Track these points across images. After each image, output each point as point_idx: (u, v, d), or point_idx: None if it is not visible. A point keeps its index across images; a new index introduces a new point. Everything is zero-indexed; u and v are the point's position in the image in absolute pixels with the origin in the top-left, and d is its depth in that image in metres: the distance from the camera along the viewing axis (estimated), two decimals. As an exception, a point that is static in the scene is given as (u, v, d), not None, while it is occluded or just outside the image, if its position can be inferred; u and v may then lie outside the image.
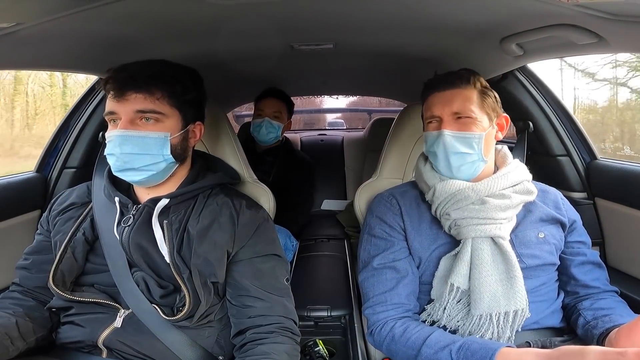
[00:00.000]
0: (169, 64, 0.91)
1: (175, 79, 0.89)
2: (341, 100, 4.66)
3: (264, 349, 0.82)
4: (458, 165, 0.95)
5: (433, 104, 0.98)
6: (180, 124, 0.90)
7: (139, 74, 0.85)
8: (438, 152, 0.96)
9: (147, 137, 0.84)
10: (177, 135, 0.89)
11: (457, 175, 0.96)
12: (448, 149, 0.94)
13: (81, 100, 1.50)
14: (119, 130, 0.83)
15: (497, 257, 0.89)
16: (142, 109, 0.84)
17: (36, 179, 1.41)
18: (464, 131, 0.94)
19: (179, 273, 0.84)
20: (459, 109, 0.94)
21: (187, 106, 0.91)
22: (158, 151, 0.86)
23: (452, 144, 0.94)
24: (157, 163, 0.86)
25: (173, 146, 0.88)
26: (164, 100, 0.86)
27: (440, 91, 0.98)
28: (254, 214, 0.94)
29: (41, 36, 0.86)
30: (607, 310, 0.89)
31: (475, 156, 0.95)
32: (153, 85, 0.85)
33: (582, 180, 1.38)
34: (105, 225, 0.89)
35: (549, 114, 1.40)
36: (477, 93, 0.96)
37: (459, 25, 1.03)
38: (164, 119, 0.86)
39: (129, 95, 0.84)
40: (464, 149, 0.94)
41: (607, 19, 0.78)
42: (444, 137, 0.94)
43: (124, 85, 0.84)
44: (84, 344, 0.85)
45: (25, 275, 0.92)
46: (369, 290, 0.97)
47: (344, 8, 0.95)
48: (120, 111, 0.84)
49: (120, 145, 0.83)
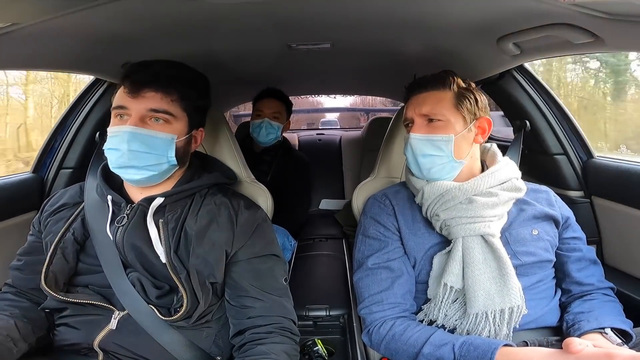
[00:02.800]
0: (188, 68, 0.92)
1: (192, 84, 0.90)
2: (338, 99, 4.69)
3: (263, 349, 0.82)
4: (428, 167, 0.97)
5: (407, 107, 1.01)
6: (186, 128, 0.90)
7: (159, 74, 0.85)
8: (408, 155, 1.00)
9: (156, 137, 0.84)
10: (183, 139, 0.89)
11: (431, 177, 0.98)
12: (416, 151, 0.97)
13: (78, 100, 1.49)
14: (129, 127, 0.82)
15: (489, 255, 0.90)
16: (157, 108, 0.84)
17: (32, 179, 1.40)
18: (431, 134, 0.95)
19: (175, 273, 0.83)
20: (428, 111, 0.96)
21: (195, 112, 0.92)
22: (163, 152, 0.86)
23: (419, 146, 0.96)
24: (160, 164, 0.86)
25: (177, 149, 0.88)
26: (177, 102, 0.86)
27: (414, 94, 1.00)
28: (252, 214, 0.94)
29: (39, 36, 0.86)
30: (584, 315, 0.90)
31: (444, 158, 0.95)
32: (172, 87, 0.85)
33: (579, 178, 1.39)
34: (97, 225, 0.88)
35: (546, 112, 1.41)
36: (453, 95, 0.96)
37: (456, 24, 1.04)
38: (173, 121, 0.86)
39: (145, 92, 0.84)
40: (432, 151, 0.95)
41: (603, 18, 0.78)
42: (410, 140, 0.97)
43: (144, 82, 0.84)
44: (80, 347, 0.85)
45: (19, 276, 0.92)
46: (364, 290, 0.97)
47: (341, 7, 0.95)
48: (133, 107, 0.83)
49: (128, 142, 0.82)
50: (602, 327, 0.85)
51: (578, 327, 0.87)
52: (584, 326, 0.86)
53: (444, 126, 0.95)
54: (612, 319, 0.87)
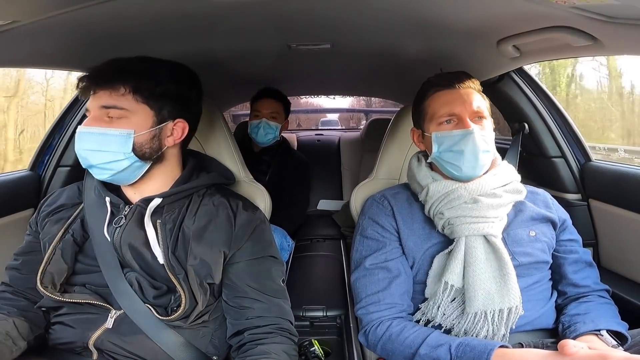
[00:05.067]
0: (144, 59, 0.88)
1: (145, 74, 0.86)
2: (337, 100, 4.70)
3: (263, 349, 0.82)
4: (484, 163, 0.94)
5: (448, 102, 0.95)
6: (151, 121, 0.86)
7: (103, 71, 0.84)
8: (466, 151, 0.92)
9: (107, 133, 0.82)
10: (145, 132, 0.85)
11: (476, 174, 0.95)
12: (478, 147, 0.92)
13: (76, 98, 1.48)
14: (80, 127, 0.83)
15: (490, 255, 0.90)
16: (106, 105, 0.83)
17: (30, 177, 1.40)
18: (485, 130, 0.95)
19: (173, 274, 0.83)
20: (479, 108, 0.95)
21: (162, 102, 0.86)
22: (118, 149, 0.82)
23: (481, 142, 0.92)
24: (117, 161, 0.83)
25: (138, 144, 0.84)
26: (128, 95, 0.83)
27: (452, 89, 0.96)
28: (250, 215, 0.94)
29: (37, 34, 0.86)
30: (580, 317, 0.90)
31: (492, 155, 0.96)
32: (117, 81, 0.83)
33: (577, 181, 1.39)
34: (96, 225, 0.87)
35: (544, 115, 1.41)
36: (482, 94, 0.98)
37: (455, 26, 1.04)
38: (128, 115, 0.83)
39: (97, 91, 0.83)
40: (488, 147, 0.94)
41: (603, 21, 0.78)
42: (473, 135, 0.91)
43: (91, 83, 0.83)
44: (74, 345, 0.85)
45: (16, 275, 0.91)
46: (361, 291, 0.97)
47: (341, 8, 0.95)
48: (91, 108, 0.84)
49: (80, 141, 0.82)
50: (597, 329, 0.85)
51: (574, 328, 0.87)
52: (580, 328, 0.86)
53: (489, 124, 0.96)
54: (608, 321, 0.88)
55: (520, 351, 0.76)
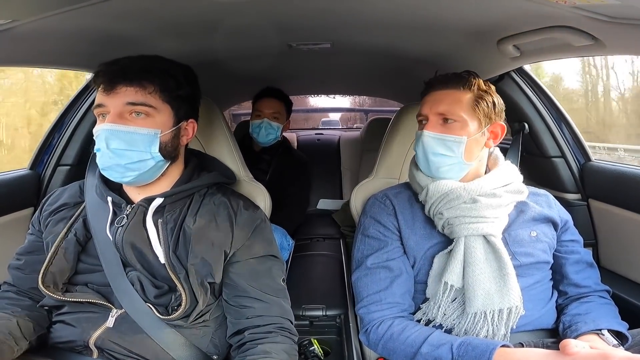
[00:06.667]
0: (162, 59, 0.89)
1: (168, 74, 0.86)
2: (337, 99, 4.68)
3: (264, 348, 0.82)
4: (437, 166, 0.95)
5: (424, 103, 0.99)
6: (171, 121, 0.87)
7: (130, 67, 0.83)
8: (418, 152, 0.98)
9: (136, 132, 0.81)
10: (168, 132, 0.86)
11: (438, 176, 0.97)
12: (427, 149, 0.95)
13: (76, 97, 1.48)
14: (106, 124, 0.80)
15: (490, 255, 0.90)
16: (133, 101, 0.81)
17: (29, 176, 1.40)
18: (445, 134, 0.94)
19: (174, 273, 0.83)
20: (445, 110, 0.94)
21: (180, 102, 0.88)
22: (146, 148, 0.82)
23: (431, 144, 0.95)
24: (144, 160, 0.83)
25: (163, 144, 0.85)
26: (156, 94, 0.83)
27: (433, 91, 0.98)
28: (251, 215, 0.94)
29: (37, 33, 0.86)
30: (581, 317, 0.90)
31: (454, 159, 0.94)
32: (145, 79, 0.83)
33: (577, 181, 1.39)
34: (99, 225, 0.87)
35: (545, 115, 1.41)
36: (472, 97, 0.95)
37: (456, 26, 1.04)
38: (155, 113, 0.84)
39: (119, 88, 0.81)
40: (443, 151, 0.94)
41: (603, 21, 0.78)
42: (423, 137, 0.95)
43: (115, 78, 0.81)
44: (75, 344, 0.84)
45: (19, 275, 0.91)
46: (363, 290, 0.97)
47: (342, 7, 0.95)
48: (110, 104, 0.81)
49: (106, 140, 0.80)
50: (599, 328, 0.85)
51: (575, 328, 0.87)
52: (581, 327, 0.86)
53: (458, 127, 0.94)
54: (609, 320, 0.88)
55: (522, 351, 0.76)
